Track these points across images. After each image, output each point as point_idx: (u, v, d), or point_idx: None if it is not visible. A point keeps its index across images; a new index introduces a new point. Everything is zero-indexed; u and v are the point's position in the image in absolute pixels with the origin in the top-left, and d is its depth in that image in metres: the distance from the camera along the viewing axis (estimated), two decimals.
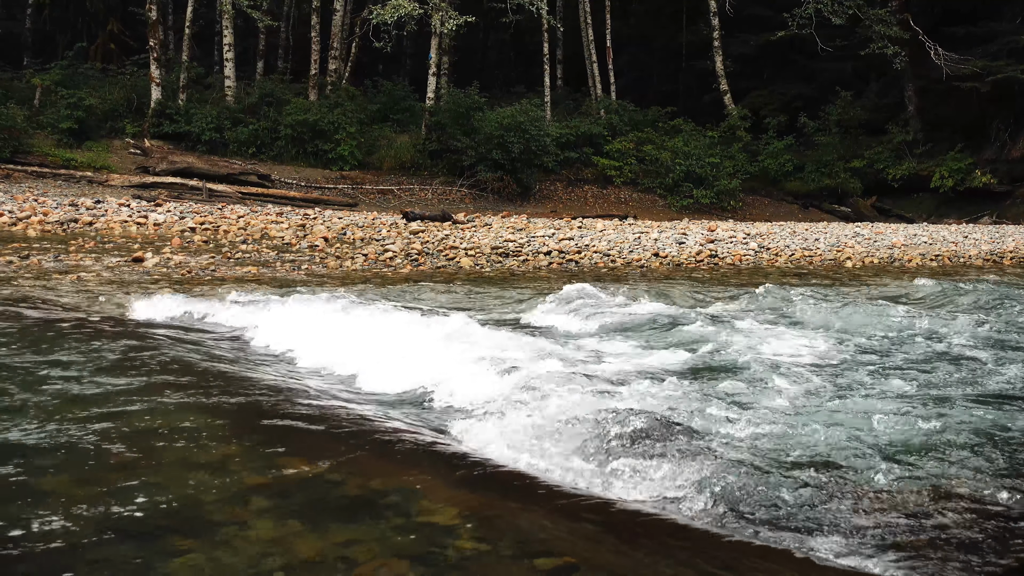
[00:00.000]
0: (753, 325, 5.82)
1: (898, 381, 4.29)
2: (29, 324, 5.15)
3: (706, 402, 3.72)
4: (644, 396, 3.75)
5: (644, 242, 14.05)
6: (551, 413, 3.34)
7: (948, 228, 20.83)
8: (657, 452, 2.90)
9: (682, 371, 4.52)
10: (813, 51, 27.51)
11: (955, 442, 3.24)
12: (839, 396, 3.99)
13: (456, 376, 3.97)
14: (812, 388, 4.13)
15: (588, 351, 5.09)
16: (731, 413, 3.56)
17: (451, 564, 2.00)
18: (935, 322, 6.13)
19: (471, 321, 5.32)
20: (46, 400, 3.30)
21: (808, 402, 3.88)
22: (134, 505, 2.29)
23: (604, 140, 25.65)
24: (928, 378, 4.40)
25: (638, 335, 5.62)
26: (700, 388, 4.02)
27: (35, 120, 21.76)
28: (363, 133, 23.96)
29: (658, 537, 2.30)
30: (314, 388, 3.96)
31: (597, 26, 28.54)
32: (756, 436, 3.26)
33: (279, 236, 12.95)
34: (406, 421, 3.45)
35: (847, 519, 2.52)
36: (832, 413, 3.66)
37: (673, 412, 3.44)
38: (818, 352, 5.12)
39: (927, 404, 3.82)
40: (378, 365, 4.28)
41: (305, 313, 5.63)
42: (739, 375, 4.36)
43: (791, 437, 3.25)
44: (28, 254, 9.19)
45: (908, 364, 4.77)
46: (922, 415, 3.59)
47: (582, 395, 3.61)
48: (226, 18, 24.88)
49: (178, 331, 5.28)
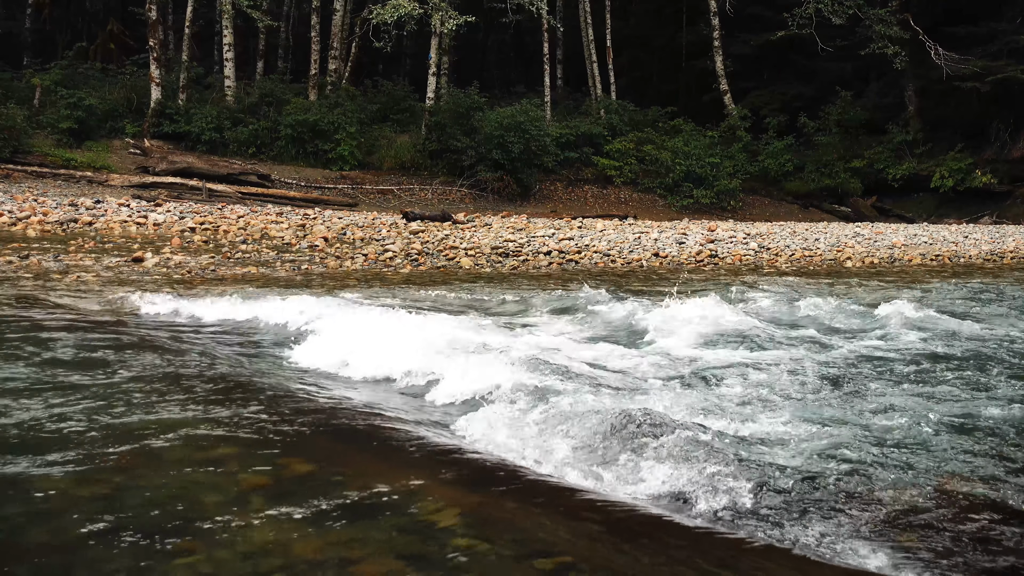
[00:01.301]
0: (752, 325, 5.82)
1: (899, 381, 4.29)
2: (29, 324, 5.14)
3: (706, 401, 3.72)
4: (645, 395, 3.75)
5: (644, 242, 14.05)
6: (551, 412, 3.34)
7: (948, 228, 20.83)
8: (657, 451, 2.90)
9: (681, 370, 4.51)
10: (813, 51, 27.51)
11: (955, 441, 3.24)
12: (839, 396, 3.99)
13: (456, 375, 3.97)
14: (812, 388, 4.13)
15: (594, 351, 5.09)
16: (732, 413, 3.56)
17: (451, 564, 2.00)
18: (938, 320, 6.12)
19: (471, 320, 5.32)
20: (46, 400, 3.30)
21: (808, 402, 3.88)
22: (134, 505, 2.29)
23: (604, 140, 25.65)
24: (929, 378, 4.40)
25: (639, 335, 5.63)
26: (700, 388, 4.02)
27: (35, 120, 21.76)
28: (363, 133, 23.96)
29: (658, 537, 2.29)
30: (312, 385, 3.95)
31: (597, 26, 28.54)
32: (757, 436, 3.26)
33: (279, 236, 12.95)
34: (405, 419, 3.45)
35: (847, 518, 2.52)
36: (833, 413, 3.66)
37: (673, 410, 3.44)
38: (819, 352, 5.11)
39: (927, 404, 3.82)
40: (371, 359, 4.29)
41: (301, 308, 5.63)
42: (740, 375, 4.36)
43: (791, 436, 3.25)
44: (28, 254, 9.19)
45: (910, 364, 4.77)
46: (922, 415, 3.59)
47: (582, 395, 3.61)
48: (226, 18, 24.87)
49: (177, 330, 5.27)
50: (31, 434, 2.86)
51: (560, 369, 4.10)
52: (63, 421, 3.02)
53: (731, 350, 5.04)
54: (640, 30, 34.32)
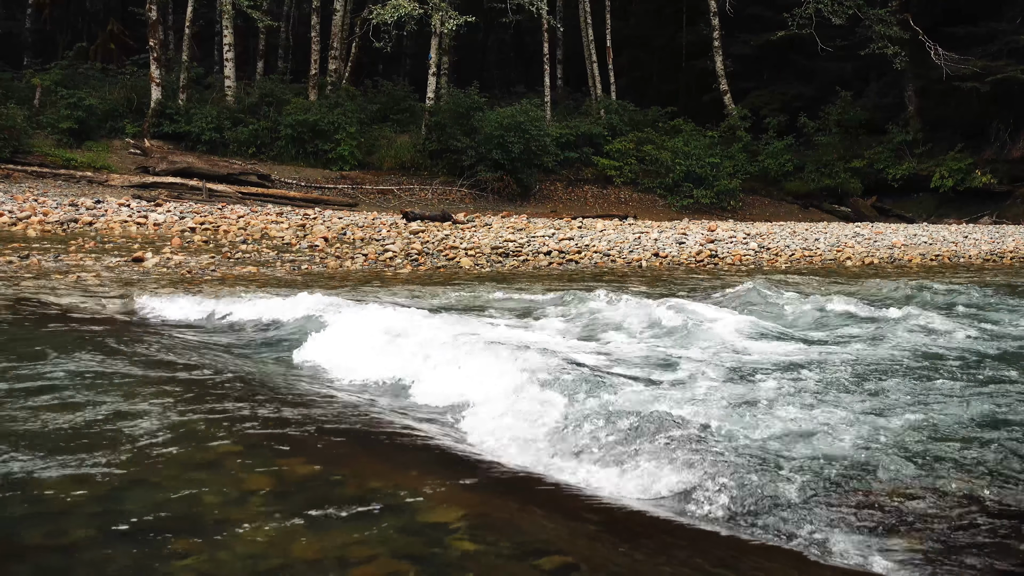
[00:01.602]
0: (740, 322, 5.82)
1: (900, 381, 4.29)
2: (28, 324, 5.15)
3: (705, 401, 3.72)
4: (646, 395, 3.75)
5: (644, 242, 14.05)
6: (552, 413, 3.35)
7: (948, 228, 20.83)
8: (658, 451, 2.90)
9: (680, 370, 4.51)
10: (813, 51, 27.52)
11: (956, 441, 3.24)
12: (840, 396, 3.99)
13: (457, 375, 3.97)
14: (812, 388, 4.13)
15: (597, 352, 5.09)
16: (731, 412, 3.56)
17: (451, 564, 2.00)
18: (939, 320, 6.12)
19: (471, 319, 5.32)
20: (45, 400, 3.30)
21: (808, 402, 3.88)
22: (134, 505, 2.29)
23: (604, 140, 25.66)
24: (929, 377, 4.40)
25: (637, 336, 5.62)
26: (700, 388, 4.02)
27: (35, 120, 21.76)
28: (363, 133, 23.97)
29: (658, 537, 2.30)
30: (313, 385, 3.96)
31: (597, 26, 28.55)
32: (757, 435, 3.26)
33: (279, 236, 12.95)
34: (406, 419, 3.45)
35: (848, 518, 2.52)
36: (833, 413, 3.66)
37: (674, 410, 3.44)
38: (818, 352, 5.11)
39: (928, 403, 3.82)
40: (372, 358, 4.29)
41: (302, 308, 5.64)
42: (739, 375, 4.36)
43: (791, 436, 3.25)
44: (28, 254, 9.19)
45: (911, 363, 4.77)
46: (923, 415, 3.59)
47: (583, 394, 3.61)
48: (226, 18, 24.88)
49: (177, 330, 5.28)
50: (31, 434, 2.86)
51: (560, 369, 4.10)
52: (62, 421, 3.02)
53: (730, 349, 5.04)
54: (640, 30, 34.34)
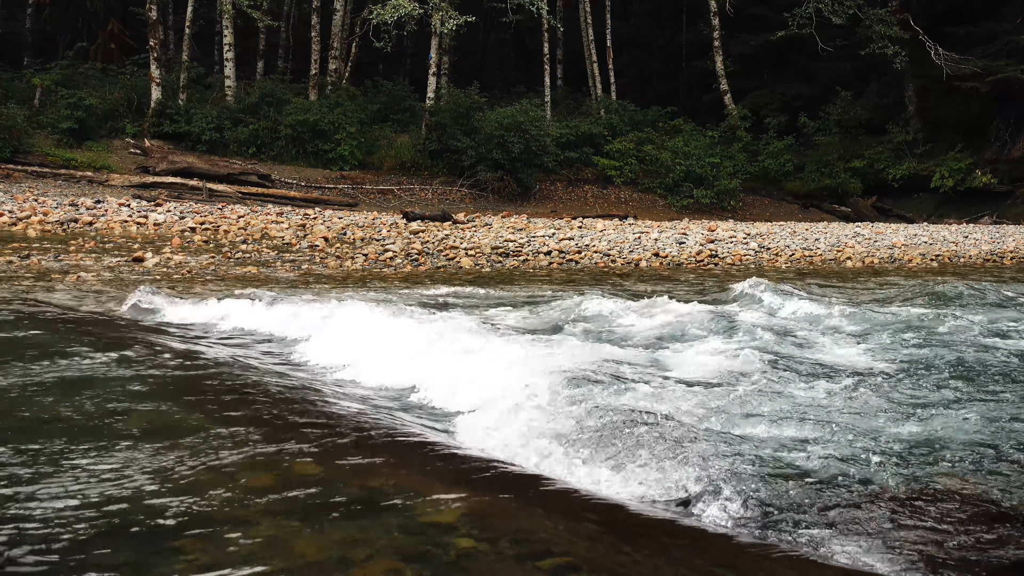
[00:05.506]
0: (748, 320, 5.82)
1: (900, 381, 4.29)
2: (28, 324, 5.15)
3: (708, 401, 3.72)
4: (646, 395, 3.75)
5: (644, 242, 14.06)
6: (553, 413, 3.35)
7: (948, 228, 20.84)
8: (658, 451, 2.90)
9: (679, 371, 4.52)
10: (813, 51, 27.52)
11: (957, 442, 3.25)
12: (840, 397, 3.99)
13: (457, 376, 3.97)
14: (812, 388, 4.13)
15: (595, 350, 5.09)
16: (733, 413, 3.56)
17: (451, 564, 2.00)
18: (943, 322, 6.12)
19: (472, 319, 5.32)
20: (45, 399, 3.30)
21: (809, 402, 3.88)
22: (134, 505, 2.29)
23: (604, 140, 25.66)
24: (929, 375, 4.40)
25: (639, 336, 5.63)
26: (701, 388, 4.02)
27: (35, 120, 21.76)
28: (363, 133, 23.97)
29: (658, 537, 2.30)
30: (315, 385, 3.95)
31: (597, 26, 28.55)
32: (758, 436, 3.26)
33: (279, 236, 12.96)
34: (406, 419, 3.45)
35: (848, 518, 2.52)
36: (833, 413, 3.66)
37: (674, 411, 3.44)
38: (817, 352, 5.12)
39: (929, 404, 3.83)
40: (373, 359, 4.30)
41: (303, 310, 5.63)
42: (739, 376, 4.36)
43: (791, 436, 3.25)
44: (28, 254, 9.19)
45: (910, 364, 4.78)
46: (924, 415, 3.59)
47: (584, 394, 3.61)
48: (226, 18, 24.88)
49: (177, 330, 5.28)
50: (30, 434, 2.87)
51: (561, 369, 4.10)
52: (62, 420, 3.02)
53: (728, 350, 5.04)
54: (640, 30, 34.34)
